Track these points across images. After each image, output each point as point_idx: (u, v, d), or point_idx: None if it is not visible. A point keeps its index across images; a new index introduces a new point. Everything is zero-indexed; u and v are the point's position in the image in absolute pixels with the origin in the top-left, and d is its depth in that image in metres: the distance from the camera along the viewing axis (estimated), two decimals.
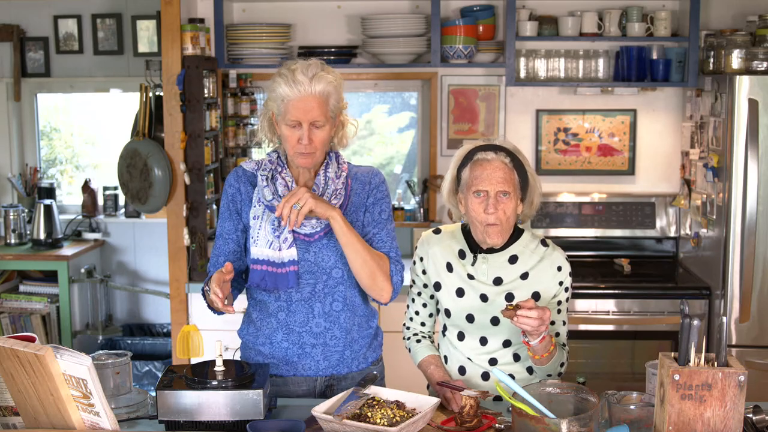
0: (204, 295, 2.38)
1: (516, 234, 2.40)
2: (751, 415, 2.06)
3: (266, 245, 2.35)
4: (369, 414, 2.07)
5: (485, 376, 2.42)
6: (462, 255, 2.42)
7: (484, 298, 2.38)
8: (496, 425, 2.15)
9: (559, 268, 2.37)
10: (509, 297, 2.36)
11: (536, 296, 2.36)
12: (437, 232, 2.50)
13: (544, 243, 2.41)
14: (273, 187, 2.38)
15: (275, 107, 2.35)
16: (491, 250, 2.38)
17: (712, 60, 3.93)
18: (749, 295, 3.68)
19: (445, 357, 2.50)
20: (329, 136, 2.37)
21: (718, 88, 3.79)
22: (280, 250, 2.34)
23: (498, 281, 2.38)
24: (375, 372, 2.52)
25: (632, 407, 2.02)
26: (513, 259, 2.38)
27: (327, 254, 2.39)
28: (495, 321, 2.36)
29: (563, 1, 4.27)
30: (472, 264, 2.40)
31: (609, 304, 3.88)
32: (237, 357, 2.26)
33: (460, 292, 2.41)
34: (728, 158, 3.65)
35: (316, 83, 2.29)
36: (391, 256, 2.43)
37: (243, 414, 2.10)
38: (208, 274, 2.46)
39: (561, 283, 2.37)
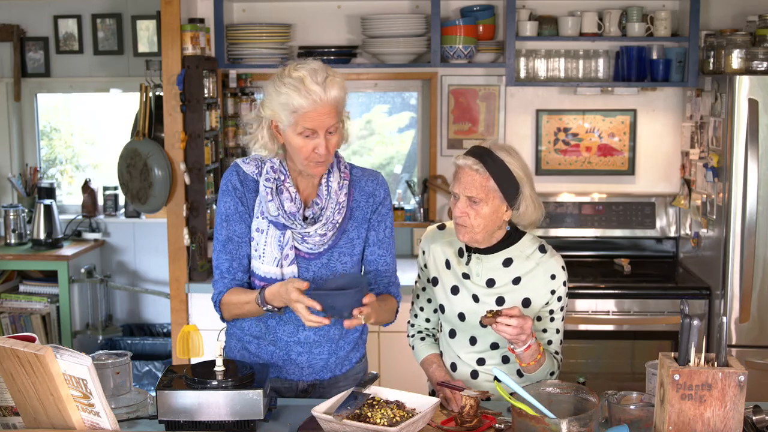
0: (218, 305, 2.36)
1: (515, 237, 2.39)
2: (751, 415, 2.06)
3: (273, 263, 2.32)
4: (369, 414, 2.07)
5: (474, 374, 2.43)
6: (460, 253, 2.43)
7: (475, 298, 2.38)
8: (496, 425, 2.15)
9: (553, 277, 2.35)
10: (500, 300, 2.36)
11: (527, 303, 2.36)
12: (441, 227, 2.51)
13: (542, 249, 2.38)
14: (278, 200, 2.29)
15: (283, 117, 2.21)
16: (485, 251, 2.38)
17: (712, 60, 3.93)
18: (749, 295, 3.68)
19: (441, 353, 2.51)
20: (341, 140, 2.31)
21: (718, 88, 3.79)
22: (281, 266, 2.32)
23: (491, 283, 2.37)
24: (374, 372, 2.51)
25: (632, 407, 2.02)
26: (507, 263, 2.37)
27: (325, 274, 2.35)
28: None
29: (563, 1, 4.27)
30: (467, 263, 2.40)
31: (609, 304, 3.88)
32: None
33: (454, 290, 2.41)
34: (728, 158, 3.65)
35: (330, 89, 2.18)
36: (393, 283, 2.44)
37: (243, 414, 2.10)
38: (220, 278, 2.37)
39: (553, 292, 2.36)
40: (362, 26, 4.24)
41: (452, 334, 2.46)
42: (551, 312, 2.38)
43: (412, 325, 2.60)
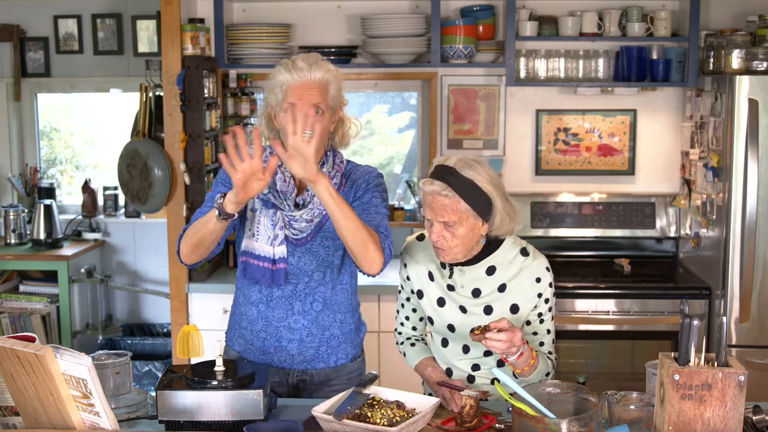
0: (180, 237, 2.32)
1: (495, 244, 2.36)
2: (751, 415, 2.06)
3: (266, 241, 2.36)
4: (369, 414, 2.07)
5: (470, 379, 2.42)
6: (443, 264, 2.40)
7: (463, 309, 2.37)
8: (496, 425, 2.15)
9: (538, 280, 2.33)
10: (488, 309, 2.35)
11: (515, 308, 2.34)
12: (420, 238, 2.47)
13: (524, 252, 2.36)
14: (271, 180, 2.33)
15: (273, 98, 2.33)
16: (467, 262, 2.35)
17: (712, 60, 3.93)
18: (749, 295, 3.68)
19: (433, 357, 2.51)
20: (327, 128, 2.34)
21: (718, 88, 3.79)
22: (273, 246, 2.36)
23: (476, 293, 2.36)
24: (374, 372, 2.52)
25: (632, 407, 2.02)
26: (490, 270, 2.35)
27: (309, 258, 2.40)
28: None
29: (563, 1, 4.27)
30: (450, 276, 2.39)
31: (609, 304, 3.88)
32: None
33: (440, 302, 2.40)
34: (728, 158, 3.65)
35: (316, 70, 2.29)
36: (380, 231, 2.31)
37: (243, 414, 2.10)
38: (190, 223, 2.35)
39: (540, 295, 2.34)
40: (362, 26, 4.24)
41: (444, 343, 2.45)
42: (540, 315, 2.36)
43: (400, 333, 2.59)
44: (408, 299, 2.52)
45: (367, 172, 2.45)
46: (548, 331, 2.38)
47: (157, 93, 4.15)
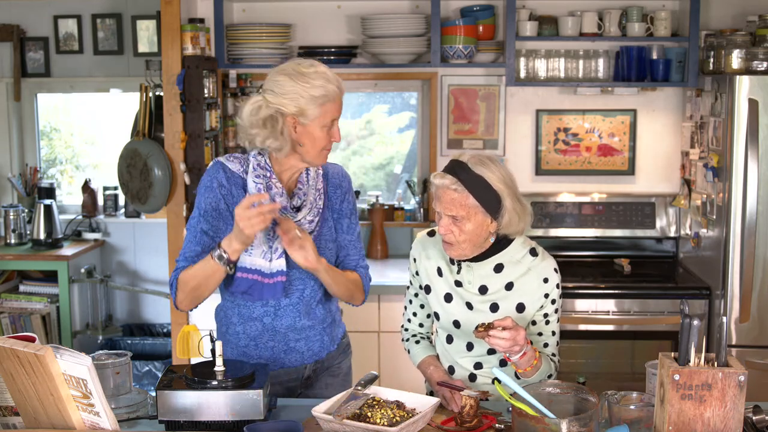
0: (173, 286, 2.38)
1: (504, 243, 2.36)
2: (751, 415, 2.06)
3: (260, 255, 2.34)
4: (369, 414, 2.07)
5: (472, 377, 2.42)
6: (452, 260, 2.41)
7: (469, 306, 2.37)
8: (496, 425, 2.15)
9: (546, 280, 2.34)
10: (494, 307, 2.35)
11: (521, 307, 2.35)
12: (431, 234, 2.49)
13: (533, 252, 2.37)
14: (269, 198, 2.31)
15: (310, 111, 2.26)
16: (475, 259, 2.36)
17: (712, 60, 3.93)
18: (749, 295, 3.68)
19: (436, 356, 2.51)
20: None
21: (718, 88, 3.79)
22: (270, 260, 2.34)
23: (483, 290, 2.36)
24: (374, 372, 2.53)
25: (632, 407, 2.02)
26: (498, 268, 2.36)
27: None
28: None
29: (563, 1, 4.27)
30: (458, 272, 2.39)
31: (609, 304, 3.88)
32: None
33: (448, 298, 2.41)
34: (728, 158, 3.65)
35: (340, 83, 2.34)
36: (361, 265, 2.54)
37: (243, 414, 2.10)
38: (183, 263, 2.36)
39: (547, 296, 2.35)
40: (362, 26, 4.24)
41: (449, 339, 2.46)
42: (546, 315, 2.37)
43: (406, 329, 2.60)
44: (416, 295, 2.54)
45: (342, 175, 2.53)
46: (553, 333, 2.39)
47: (157, 93, 4.15)
